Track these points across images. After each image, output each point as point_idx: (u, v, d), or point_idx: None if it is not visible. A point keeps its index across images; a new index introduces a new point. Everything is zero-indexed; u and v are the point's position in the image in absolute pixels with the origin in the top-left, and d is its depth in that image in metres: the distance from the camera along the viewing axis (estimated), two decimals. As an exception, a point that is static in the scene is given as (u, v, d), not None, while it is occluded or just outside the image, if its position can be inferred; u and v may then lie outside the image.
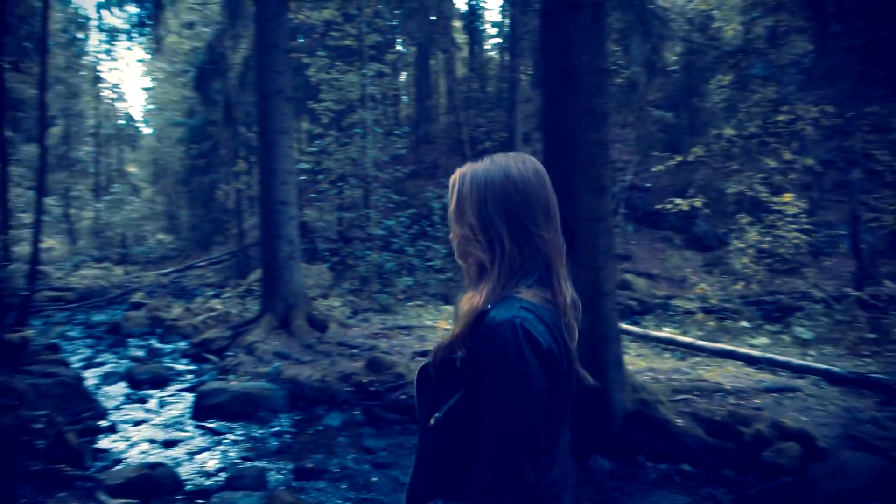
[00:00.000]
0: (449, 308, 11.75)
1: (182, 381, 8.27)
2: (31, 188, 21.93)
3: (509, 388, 1.05)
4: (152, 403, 7.21)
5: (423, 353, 7.72)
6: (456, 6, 24.08)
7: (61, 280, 21.04)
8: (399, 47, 21.88)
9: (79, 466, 4.57)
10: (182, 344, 11.09)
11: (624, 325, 8.10)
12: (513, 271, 1.15)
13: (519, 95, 15.13)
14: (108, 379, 8.39)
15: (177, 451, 5.56)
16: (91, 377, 8.51)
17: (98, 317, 15.82)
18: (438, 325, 9.64)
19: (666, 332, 8.87)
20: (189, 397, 7.38)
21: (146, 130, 34.96)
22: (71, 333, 13.00)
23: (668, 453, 5.02)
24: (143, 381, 8.06)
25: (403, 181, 15.49)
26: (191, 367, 9.11)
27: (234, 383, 7.03)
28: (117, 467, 4.89)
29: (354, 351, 8.08)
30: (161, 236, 28.01)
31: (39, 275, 11.67)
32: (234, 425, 6.27)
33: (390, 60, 18.20)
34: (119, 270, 22.65)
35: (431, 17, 18.38)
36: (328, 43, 14.01)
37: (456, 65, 21.77)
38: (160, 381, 8.11)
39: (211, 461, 5.34)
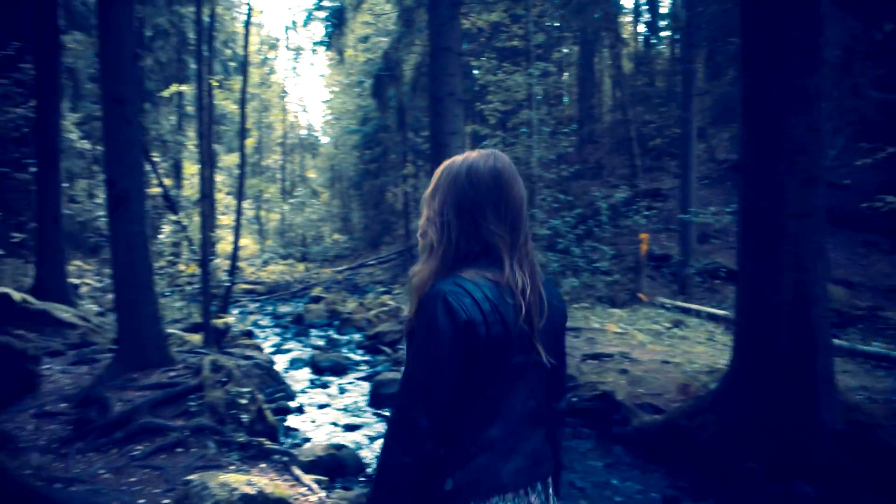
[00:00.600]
0: (616, 311, 11.29)
1: (359, 370, 8.75)
2: (230, 193, 24.84)
3: (419, 346, 1.24)
4: (333, 389, 7.69)
5: (594, 356, 7.44)
6: (622, 1, 23.19)
7: (253, 275, 23.49)
8: (563, 48, 21.51)
9: (274, 441, 4.97)
10: (357, 336, 11.80)
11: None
12: (457, 254, 1.31)
13: (694, 88, 14.13)
14: (294, 364, 9.13)
15: (357, 436, 5.85)
16: (280, 362, 9.32)
17: (283, 308, 17.40)
18: (608, 327, 9.26)
19: (877, 347, 7.73)
20: (365, 386, 7.77)
21: (325, 139, 37.96)
22: (262, 322, 14.42)
23: (891, 486, 4.32)
24: (324, 369, 8.65)
25: (568, 181, 15.17)
26: (366, 358, 9.63)
27: (406, 375, 7.27)
28: (306, 445, 5.22)
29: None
30: (336, 237, 30.12)
31: (237, 269, 12.99)
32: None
33: (555, 59, 17.95)
34: (301, 267, 24.71)
35: (595, 15, 17.85)
36: (495, 45, 14.13)
37: (622, 60, 20.92)
38: (340, 369, 8.65)
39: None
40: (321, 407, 6.84)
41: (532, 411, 1.37)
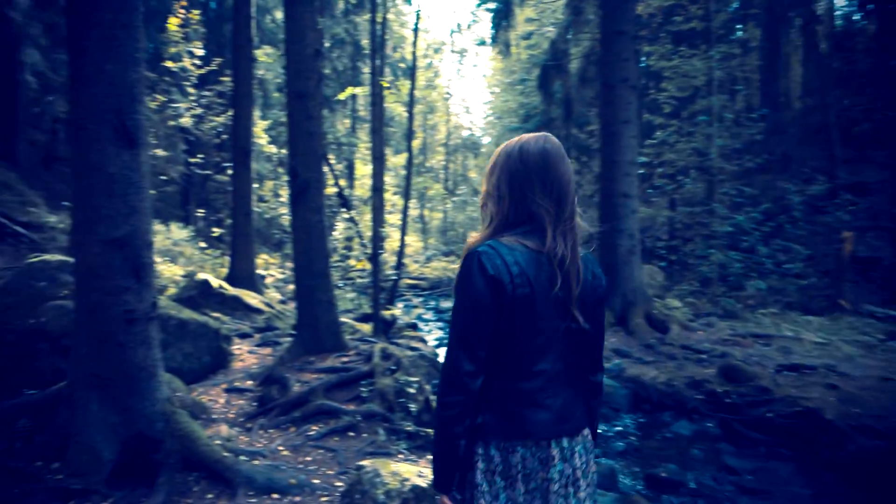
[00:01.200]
0: (812, 319, 9.91)
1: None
2: (397, 192, 25.96)
3: (458, 298, 1.45)
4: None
5: (791, 367, 6.52)
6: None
7: (417, 270, 24.31)
8: (744, 29, 19.57)
9: (440, 433, 4.88)
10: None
11: None
12: (506, 223, 1.49)
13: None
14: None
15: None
16: (443, 355, 9.38)
17: (446, 303, 17.76)
18: (805, 336, 8.13)
19: None
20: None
21: (486, 139, 38.36)
22: (425, 316, 14.77)
23: None
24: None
25: (752, 173, 13.72)
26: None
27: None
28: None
29: (702, 356, 7.25)
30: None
31: (402, 265, 13.39)
32: (575, 418, 6.12)
33: (737, 41, 16.35)
34: (462, 264, 25.03)
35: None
36: (669, 28, 13.15)
37: (818, 38, 18.54)
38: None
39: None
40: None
41: (562, 373, 1.50)
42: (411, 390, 4.75)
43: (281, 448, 3.96)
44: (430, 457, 4.13)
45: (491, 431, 1.46)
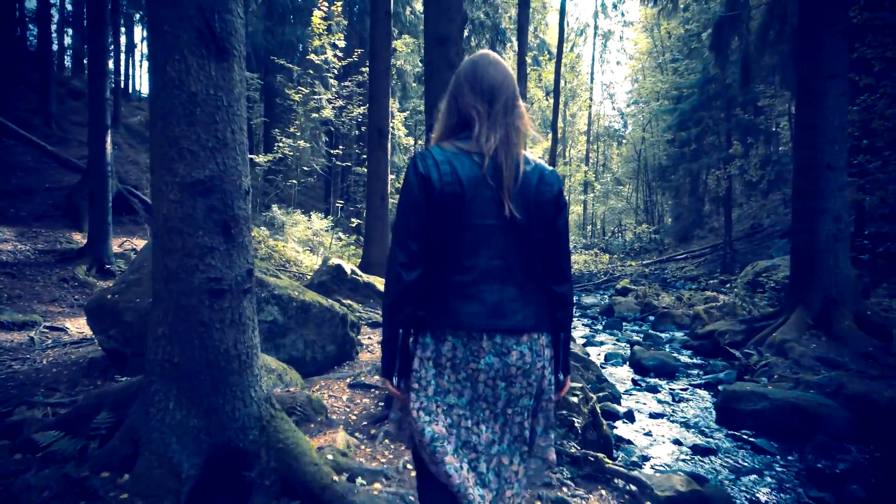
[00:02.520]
0: None
1: (692, 376, 7.14)
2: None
3: (399, 197, 1.57)
4: (664, 395, 6.25)
5: None
6: None
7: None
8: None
9: (608, 455, 3.79)
10: (678, 333, 10.07)
11: None
12: (448, 132, 1.64)
13: None
14: (610, 360, 7.90)
15: (715, 463, 4.36)
16: (594, 355, 8.19)
17: (588, 299, 16.35)
18: None
19: None
20: (705, 395, 6.18)
21: (630, 127, 35.93)
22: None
23: None
24: (648, 369, 7.24)
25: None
26: (696, 361, 7.93)
27: (770, 388, 5.46)
28: (656, 476, 3.93)
29: (952, 374, 5.50)
30: (645, 228, 28.02)
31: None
32: (780, 444, 4.73)
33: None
34: (605, 258, 23.38)
35: None
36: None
37: None
38: (667, 371, 7.16)
39: (763, 488, 3.94)
40: (655, 416, 5.47)
41: (499, 269, 1.55)
42: (574, 398, 3.69)
43: (410, 466, 3.09)
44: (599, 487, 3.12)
45: (428, 321, 1.55)
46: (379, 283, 8.72)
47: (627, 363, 7.72)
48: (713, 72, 16.06)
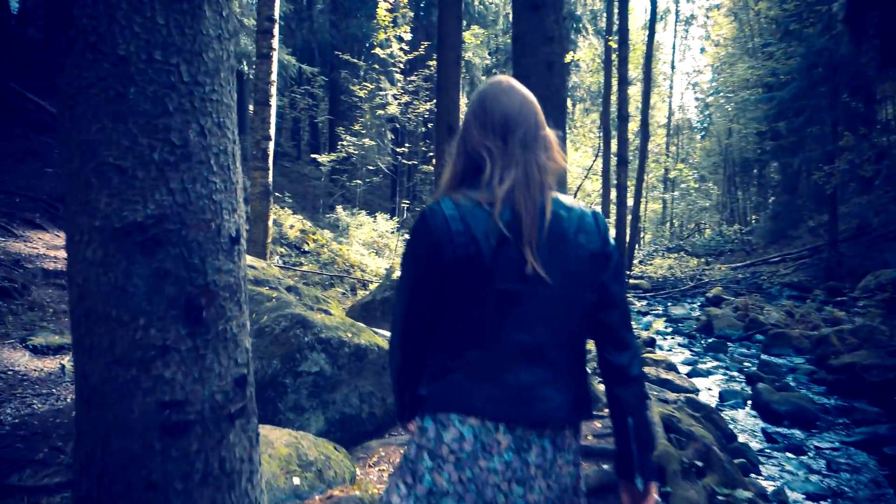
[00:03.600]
0: None
1: (836, 426, 5.72)
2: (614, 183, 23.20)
3: (402, 259, 1.32)
4: (811, 458, 4.90)
5: None
6: None
7: (634, 268, 21.31)
8: None
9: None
10: (799, 360, 8.55)
11: None
12: (459, 178, 1.31)
13: None
14: (727, 400, 6.54)
15: None
16: (703, 391, 6.86)
17: (676, 310, 14.76)
18: None
19: None
20: (868, 462, 4.79)
21: (712, 119, 33.46)
22: (655, 324, 12.12)
23: None
24: (780, 415, 5.86)
25: None
26: (835, 402, 6.47)
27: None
28: None
29: None
30: (734, 229, 25.88)
31: (630, 264, 10.89)
32: None
33: None
34: (693, 262, 21.51)
35: None
36: None
37: None
38: (805, 419, 5.77)
39: None
40: (812, 497, 4.16)
41: (526, 345, 1.23)
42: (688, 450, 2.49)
43: None
44: None
45: (432, 402, 1.25)
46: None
47: (750, 404, 6.36)
48: (845, 50, 14.09)
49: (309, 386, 3.55)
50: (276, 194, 16.53)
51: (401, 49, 17.58)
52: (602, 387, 4.49)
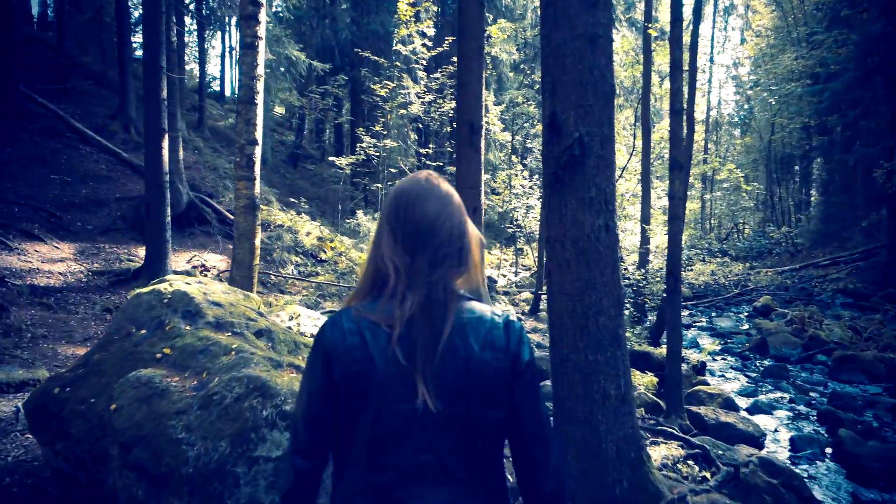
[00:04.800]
0: None
1: (948, 490, 4.64)
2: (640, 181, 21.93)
3: (304, 368, 1.23)
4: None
5: None
6: None
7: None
8: None
9: None
10: (874, 389, 7.42)
11: None
12: (364, 285, 1.20)
13: None
14: (802, 449, 5.45)
15: None
16: (769, 434, 5.80)
17: (722, 322, 13.55)
18: None
19: None
20: None
21: (753, 113, 31.80)
22: (703, 342, 10.99)
23: None
24: (872, 472, 4.81)
25: None
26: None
27: None
28: None
29: None
30: (782, 231, 24.36)
31: (679, 275, 9.82)
32: None
33: None
34: (739, 267, 20.13)
35: None
36: None
37: None
38: (904, 479, 4.71)
39: None
40: None
41: (427, 466, 1.13)
42: None
43: None
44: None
45: None
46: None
47: (830, 454, 5.30)
48: (837, 69, 12.78)
49: (268, 475, 2.66)
50: (292, 199, 15.83)
51: (424, 45, 16.70)
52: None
